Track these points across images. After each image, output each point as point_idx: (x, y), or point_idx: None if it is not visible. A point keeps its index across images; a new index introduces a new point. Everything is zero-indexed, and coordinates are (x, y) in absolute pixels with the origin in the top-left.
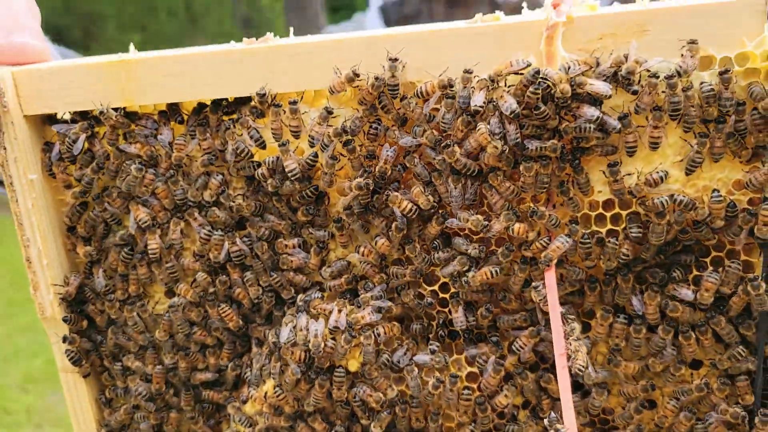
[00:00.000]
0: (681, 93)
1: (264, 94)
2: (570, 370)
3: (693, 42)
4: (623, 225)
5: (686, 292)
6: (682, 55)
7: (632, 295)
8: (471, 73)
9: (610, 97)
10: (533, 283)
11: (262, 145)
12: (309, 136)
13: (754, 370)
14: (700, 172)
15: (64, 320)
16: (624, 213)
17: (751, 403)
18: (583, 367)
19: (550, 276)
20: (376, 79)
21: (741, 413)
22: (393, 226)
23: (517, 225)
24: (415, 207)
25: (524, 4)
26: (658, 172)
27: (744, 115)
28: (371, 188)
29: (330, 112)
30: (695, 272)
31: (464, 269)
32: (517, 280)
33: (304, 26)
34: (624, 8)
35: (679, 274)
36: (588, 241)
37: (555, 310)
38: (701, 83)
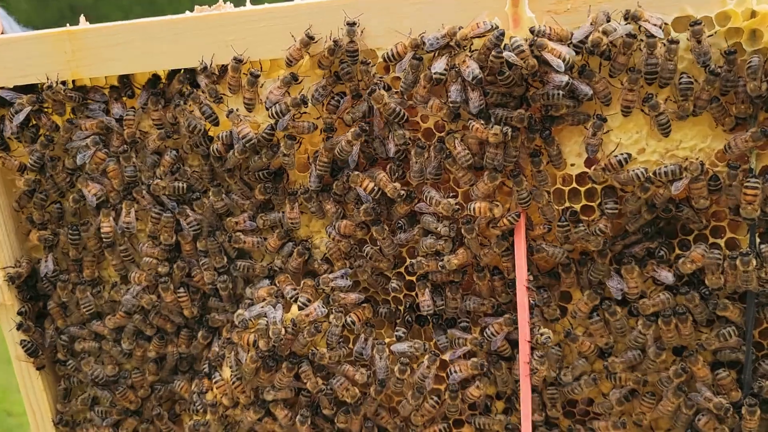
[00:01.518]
0: (660, 55)
1: (206, 68)
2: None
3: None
4: (599, 201)
5: (666, 275)
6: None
7: (609, 277)
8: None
9: (569, 62)
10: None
11: (215, 122)
12: (266, 98)
13: (742, 360)
14: (679, 142)
15: (19, 314)
16: (599, 187)
17: (739, 399)
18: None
19: (521, 262)
20: (334, 42)
21: (725, 404)
22: (362, 209)
23: (477, 204)
24: (378, 188)
25: None
26: (616, 156)
27: (734, 66)
28: (368, 133)
29: (295, 78)
30: (677, 251)
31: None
32: (491, 254)
33: None
34: None
35: (664, 253)
36: (566, 223)
37: (523, 308)
38: (681, 75)
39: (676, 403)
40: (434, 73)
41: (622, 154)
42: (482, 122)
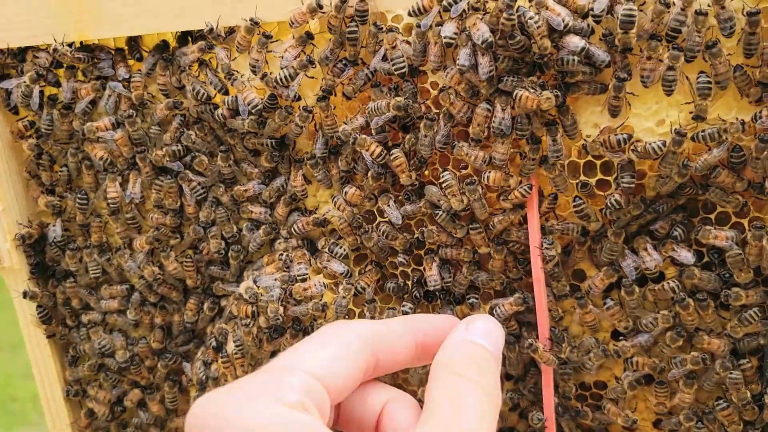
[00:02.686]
0: (691, 13)
1: (212, 30)
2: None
3: None
4: (615, 174)
5: (686, 255)
6: None
7: (623, 257)
8: None
9: (566, 26)
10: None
11: (225, 92)
12: (281, 57)
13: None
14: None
15: (32, 272)
16: (616, 161)
17: (758, 392)
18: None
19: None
20: (341, 0)
21: (748, 397)
22: (369, 174)
23: (492, 173)
24: (385, 152)
25: None
26: (617, 135)
27: (757, 28)
28: (409, 110)
29: (311, 37)
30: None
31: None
32: (505, 221)
33: None
34: None
35: (680, 233)
36: (581, 203)
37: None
38: (699, 74)
39: (692, 393)
40: (444, 37)
41: (622, 134)
42: (531, 89)
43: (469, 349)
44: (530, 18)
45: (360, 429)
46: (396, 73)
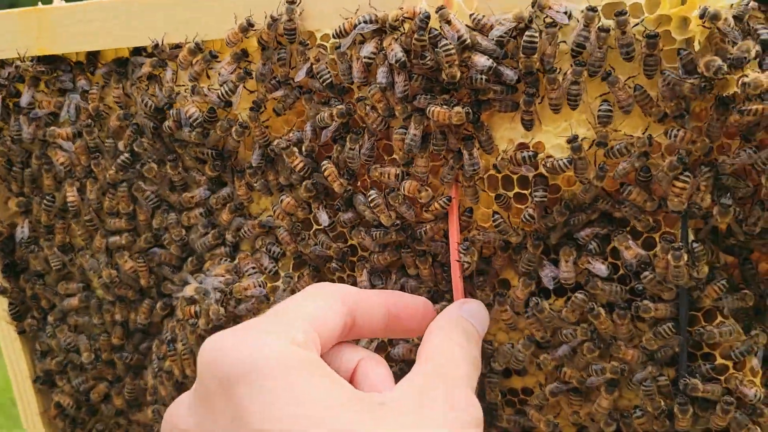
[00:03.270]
0: (594, 31)
1: (157, 45)
2: None
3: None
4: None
5: (600, 267)
6: None
7: (541, 267)
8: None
9: (465, 41)
10: None
11: (169, 107)
12: (218, 74)
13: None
14: (609, 132)
15: (3, 272)
16: (530, 175)
17: (672, 406)
18: None
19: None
20: (272, 18)
21: (662, 407)
22: (303, 186)
23: (407, 183)
24: (309, 166)
25: None
26: (522, 153)
27: (655, 50)
28: (352, 114)
29: (246, 55)
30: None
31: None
32: (436, 228)
33: None
34: None
35: (595, 246)
36: (499, 217)
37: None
38: (602, 103)
39: (611, 400)
40: (363, 56)
41: (528, 152)
42: (443, 105)
43: (462, 323)
44: (443, 47)
45: None
46: (323, 84)
